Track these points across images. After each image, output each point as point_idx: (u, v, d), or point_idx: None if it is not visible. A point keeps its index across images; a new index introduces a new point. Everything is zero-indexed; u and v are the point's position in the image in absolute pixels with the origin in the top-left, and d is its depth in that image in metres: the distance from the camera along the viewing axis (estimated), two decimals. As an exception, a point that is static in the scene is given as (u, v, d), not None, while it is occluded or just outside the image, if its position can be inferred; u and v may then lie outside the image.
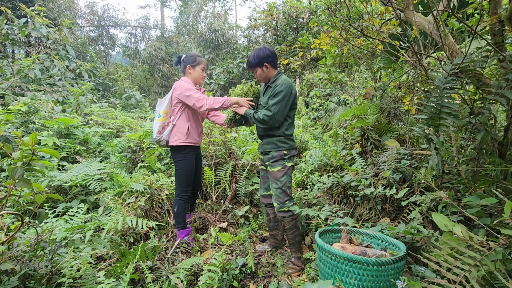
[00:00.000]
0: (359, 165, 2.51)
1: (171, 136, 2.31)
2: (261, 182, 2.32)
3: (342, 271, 1.37)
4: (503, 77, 1.46)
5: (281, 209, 2.06)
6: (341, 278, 1.38)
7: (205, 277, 1.62)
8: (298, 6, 9.80)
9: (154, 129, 2.33)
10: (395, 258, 1.34)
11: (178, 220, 2.35)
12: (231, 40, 13.81)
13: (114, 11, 17.34)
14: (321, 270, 1.52)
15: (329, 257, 1.41)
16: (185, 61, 2.37)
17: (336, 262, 1.39)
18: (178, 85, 2.26)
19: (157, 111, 2.34)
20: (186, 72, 2.38)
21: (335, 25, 2.98)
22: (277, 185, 2.06)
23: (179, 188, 2.34)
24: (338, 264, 1.38)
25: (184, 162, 2.31)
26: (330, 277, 1.43)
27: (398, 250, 1.56)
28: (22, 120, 4.07)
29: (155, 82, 14.34)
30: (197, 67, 2.37)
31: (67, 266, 1.59)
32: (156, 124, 2.31)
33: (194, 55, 2.41)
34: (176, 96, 2.26)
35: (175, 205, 2.34)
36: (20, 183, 1.30)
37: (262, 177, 2.30)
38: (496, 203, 1.53)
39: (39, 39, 8.46)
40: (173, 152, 2.34)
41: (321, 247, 1.46)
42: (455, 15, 1.49)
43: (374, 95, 3.15)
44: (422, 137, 1.71)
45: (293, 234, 2.09)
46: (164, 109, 2.30)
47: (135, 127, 5.65)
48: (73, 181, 2.96)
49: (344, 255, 1.34)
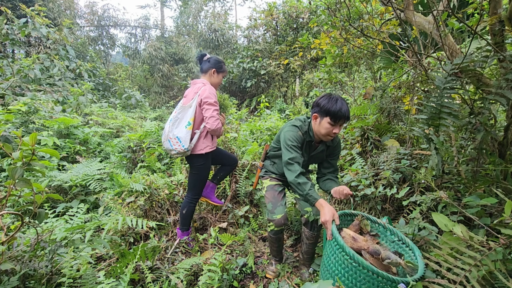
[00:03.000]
0: (359, 165, 2.51)
1: (199, 144, 2.18)
2: (279, 198, 1.95)
3: (348, 269, 1.26)
4: (503, 77, 1.46)
5: (317, 216, 1.80)
6: (343, 272, 1.29)
7: (205, 277, 1.62)
8: (298, 6, 9.79)
9: (183, 139, 2.10)
10: (413, 278, 1.18)
11: (184, 222, 2.31)
12: (231, 40, 13.81)
13: (114, 11, 17.33)
14: (327, 258, 1.41)
15: (345, 257, 1.28)
16: (211, 63, 2.28)
17: (344, 256, 1.29)
18: (207, 91, 2.15)
19: (180, 118, 2.15)
20: (208, 74, 2.28)
21: (335, 25, 2.98)
22: None
23: (193, 191, 2.30)
24: (348, 262, 1.27)
25: (203, 167, 2.25)
26: (332, 266, 1.35)
27: (413, 257, 1.40)
28: (22, 120, 4.07)
29: (155, 82, 14.33)
30: (221, 74, 2.34)
31: (67, 266, 1.59)
32: (187, 133, 2.11)
33: (221, 60, 2.34)
34: (202, 99, 2.15)
35: (184, 207, 2.28)
36: (20, 183, 1.30)
37: (280, 192, 1.98)
38: (496, 203, 1.53)
39: (39, 39, 8.46)
40: (196, 158, 2.22)
41: (340, 245, 1.31)
42: (455, 15, 1.49)
43: (374, 95, 3.15)
44: (422, 137, 1.71)
45: (314, 247, 1.95)
46: (192, 117, 2.14)
47: (135, 127, 5.65)
48: (73, 181, 2.96)
49: (364, 264, 1.21)
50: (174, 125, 2.15)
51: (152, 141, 4.05)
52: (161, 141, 4.08)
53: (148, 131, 4.28)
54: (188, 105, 2.16)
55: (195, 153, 2.19)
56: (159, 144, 4.01)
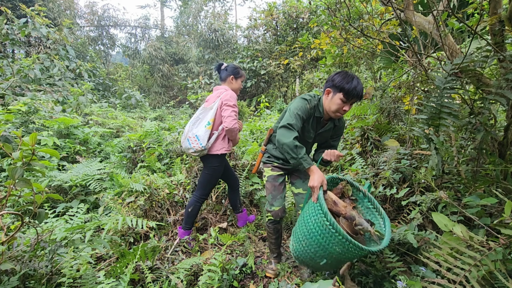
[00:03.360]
0: (359, 165, 2.51)
1: (216, 145, 2.29)
2: (279, 190, 1.93)
3: (325, 232, 1.38)
4: (503, 77, 1.46)
5: None
6: (315, 231, 1.42)
7: (205, 277, 1.62)
8: (298, 6, 9.80)
9: (202, 137, 2.22)
10: (378, 249, 1.37)
11: (188, 221, 2.35)
12: (231, 40, 13.81)
13: (114, 11, 17.35)
14: (307, 216, 1.51)
15: (325, 222, 1.39)
16: (229, 71, 2.41)
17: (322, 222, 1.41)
18: (228, 95, 2.27)
19: (200, 118, 2.28)
20: (227, 81, 2.41)
21: (335, 25, 2.98)
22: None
23: (202, 191, 2.36)
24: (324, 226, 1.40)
25: (218, 169, 2.34)
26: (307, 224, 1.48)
27: (383, 228, 1.57)
28: (22, 120, 4.07)
29: (155, 82, 14.34)
30: (239, 79, 2.45)
31: (67, 266, 1.59)
32: (206, 132, 2.23)
33: (237, 66, 2.47)
34: (223, 101, 2.26)
35: (190, 205, 2.34)
36: (20, 183, 1.30)
37: (280, 184, 1.94)
38: (496, 203, 1.53)
39: (39, 39, 8.46)
40: (211, 158, 2.30)
41: (324, 211, 1.41)
42: (455, 15, 1.49)
43: (374, 95, 3.15)
44: (422, 137, 1.71)
45: None
46: (212, 118, 2.25)
47: (135, 127, 5.65)
48: (73, 181, 2.96)
49: (341, 232, 1.34)
50: (195, 125, 2.28)
51: (152, 141, 4.05)
52: (161, 141, 4.10)
53: (148, 131, 4.28)
54: (209, 107, 2.30)
55: (212, 153, 2.29)
56: (159, 144, 4.02)
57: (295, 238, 1.59)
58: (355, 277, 1.73)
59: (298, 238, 1.56)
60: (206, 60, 13.72)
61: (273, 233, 2.02)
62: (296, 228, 1.61)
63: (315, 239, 1.43)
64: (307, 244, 1.48)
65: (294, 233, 1.62)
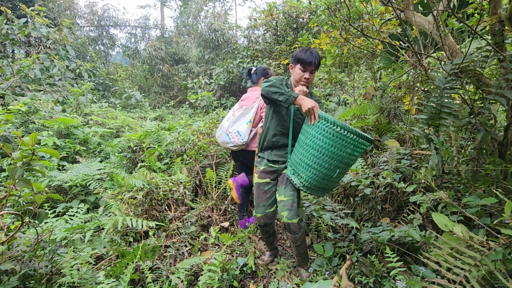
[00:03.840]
0: (359, 165, 2.51)
1: (254, 141, 2.49)
2: (263, 198, 1.93)
3: (337, 139, 1.55)
4: (503, 77, 1.46)
5: (295, 219, 1.79)
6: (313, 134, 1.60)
7: (205, 277, 1.62)
8: (298, 6, 9.80)
9: (243, 133, 2.42)
10: (371, 137, 1.59)
11: (240, 208, 2.68)
12: (231, 40, 13.80)
13: (114, 11, 17.33)
14: (311, 140, 1.64)
15: (335, 130, 1.55)
16: (259, 74, 2.63)
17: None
18: None
19: (242, 116, 2.47)
20: (259, 83, 2.62)
21: (335, 25, 2.98)
22: (294, 188, 1.84)
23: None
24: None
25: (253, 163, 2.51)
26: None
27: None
28: (22, 120, 4.07)
29: (155, 82, 14.33)
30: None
31: (67, 266, 1.59)
32: (247, 129, 2.43)
33: (265, 68, 2.66)
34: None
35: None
36: (20, 183, 1.30)
37: (266, 192, 1.94)
38: (496, 203, 1.53)
39: (39, 39, 8.46)
40: (248, 153, 2.51)
41: (330, 121, 1.56)
42: (455, 15, 1.49)
43: (374, 95, 3.16)
44: (422, 137, 1.71)
45: (304, 248, 1.93)
46: (253, 116, 2.46)
47: (135, 127, 5.65)
48: (73, 181, 2.96)
49: (351, 129, 1.53)
50: (235, 122, 2.48)
51: (152, 141, 4.05)
52: (161, 141, 4.11)
53: (148, 131, 4.28)
54: (250, 107, 2.50)
55: (249, 149, 2.49)
56: (159, 144, 4.01)
57: (302, 172, 1.68)
58: (355, 277, 1.73)
59: (307, 167, 1.66)
60: (206, 60, 13.72)
61: (262, 233, 2.07)
62: (299, 163, 1.70)
63: (327, 153, 1.57)
64: (319, 163, 1.61)
65: (297, 172, 1.72)
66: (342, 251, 2.05)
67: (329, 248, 2.02)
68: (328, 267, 1.91)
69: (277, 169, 1.94)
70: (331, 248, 2.01)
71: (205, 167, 3.28)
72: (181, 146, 3.78)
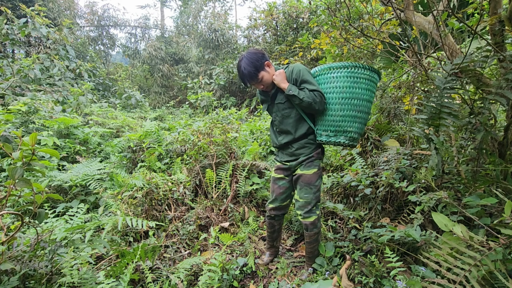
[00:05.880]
0: (359, 165, 2.51)
1: None
2: (277, 192, 1.99)
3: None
4: (503, 77, 1.46)
5: (308, 218, 1.84)
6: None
7: (205, 277, 1.62)
8: (298, 6, 9.80)
9: None
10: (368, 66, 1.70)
11: None
12: (231, 40, 13.80)
13: (114, 11, 17.33)
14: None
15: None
16: None
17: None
18: None
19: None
20: None
21: (335, 25, 2.98)
22: (312, 190, 1.83)
23: None
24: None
25: None
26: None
27: None
28: (22, 120, 4.07)
29: (155, 82, 14.33)
30: None
31: (67, 266, 1.59)
32: None
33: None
34: None
35: None
36: (20, 183, 1.30)
37: (280, 187, 1.98)
38: (496, 203, 1.53)
39: (39, 39, 8.47)
40: None
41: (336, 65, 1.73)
42: (455, 15, 1.49)
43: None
44: (422, 137, 1.71)
45: (315, 247, 1.95)
46: None
47: (135, 127, 5.66)
48: (73, 181, 2.96)
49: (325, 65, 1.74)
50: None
51: (152, 141, 4.05)
52: (161, 141, 4.11)
53: (148, 131, 4.28)
54: None
55: None
56: (159, 144, 4.01)
57: (349, 127, 1.73)
58: (355, 277, 1.73)
59: (353, 119, 1.73)
60: (206, 60, 13.72)
61: (268, 226, 2.12)
62: (341, 121, 1.74)
63: (363, 97, 1.71)
64: (361, 110, 1.72)
65: (342, 129, 1.74)
66: (342, 251, 2.05)
67: (330, 248, 2.02)
68: (328, 267, 1.91)
69: (289, 167, 1.98)
70: (332, 248, 2.01)
71: (205, 167, 3.28)
72: (181, 146, 3.78)
